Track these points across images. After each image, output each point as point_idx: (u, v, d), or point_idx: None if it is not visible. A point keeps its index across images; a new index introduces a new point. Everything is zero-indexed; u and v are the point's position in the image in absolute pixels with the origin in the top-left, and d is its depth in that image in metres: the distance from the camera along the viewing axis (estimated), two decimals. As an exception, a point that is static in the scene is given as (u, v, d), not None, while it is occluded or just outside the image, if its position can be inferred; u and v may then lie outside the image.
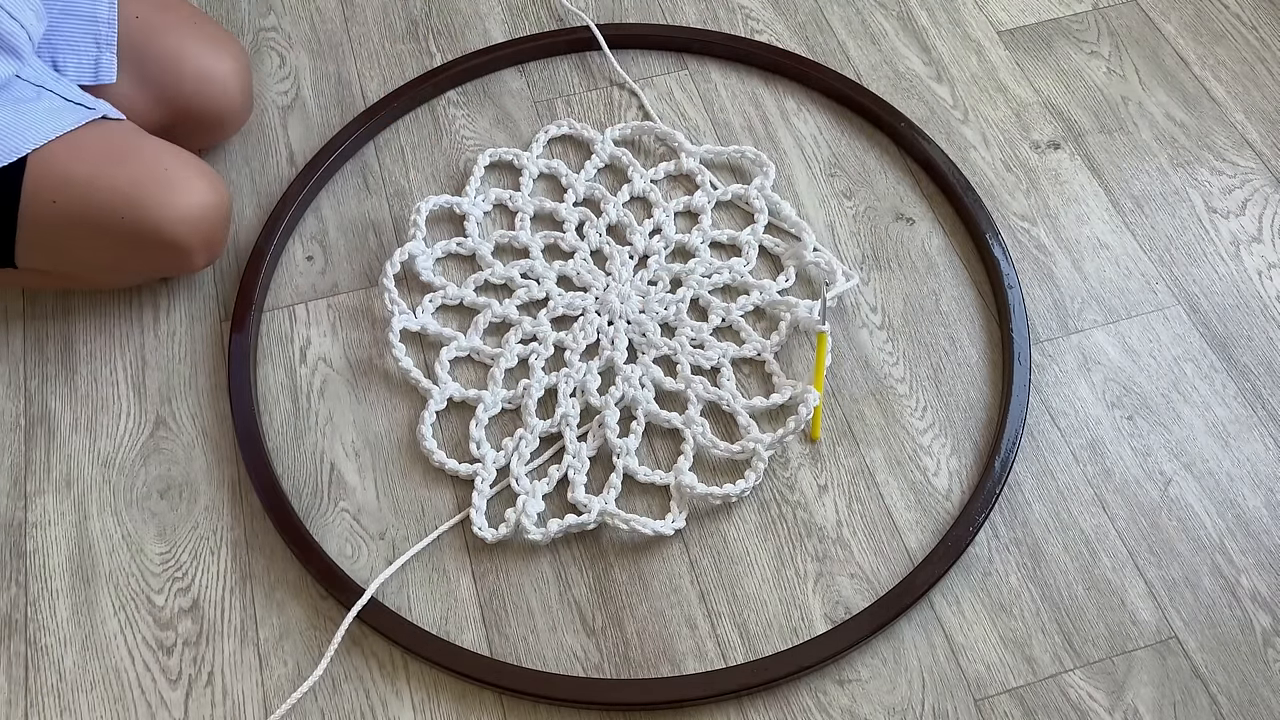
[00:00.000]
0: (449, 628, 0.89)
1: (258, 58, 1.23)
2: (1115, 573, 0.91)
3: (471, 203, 1.10)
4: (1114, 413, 0.99)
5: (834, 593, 0.90)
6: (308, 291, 1.07)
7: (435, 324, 1.03)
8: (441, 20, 1.26)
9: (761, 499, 0.95)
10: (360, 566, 0.92)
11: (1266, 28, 1.25)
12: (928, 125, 1.17)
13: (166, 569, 0.92)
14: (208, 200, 0.98)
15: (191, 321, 1.05)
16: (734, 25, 1.26)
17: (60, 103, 0.94)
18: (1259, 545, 0.92)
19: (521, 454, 0.96)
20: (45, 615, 0.90)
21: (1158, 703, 0.85)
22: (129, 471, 0.96)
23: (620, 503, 0.94)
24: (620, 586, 0.91)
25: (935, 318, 1.05)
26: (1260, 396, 1.00)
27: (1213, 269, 1.07)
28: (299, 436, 0.98)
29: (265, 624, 0.89)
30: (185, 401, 1.00)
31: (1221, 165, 1.14)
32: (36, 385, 1.01)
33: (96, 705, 0.86)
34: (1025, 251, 1.09)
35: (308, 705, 0.86)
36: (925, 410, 0.99)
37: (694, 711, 0.85)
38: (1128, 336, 1.03)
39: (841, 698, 0.86)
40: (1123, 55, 1.23)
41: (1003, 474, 0.94)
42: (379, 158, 1.16)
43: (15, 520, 0.94)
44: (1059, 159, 1.15)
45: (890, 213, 1.11)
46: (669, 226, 1.09)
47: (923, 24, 1.26)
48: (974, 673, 0.87)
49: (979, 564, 0.92)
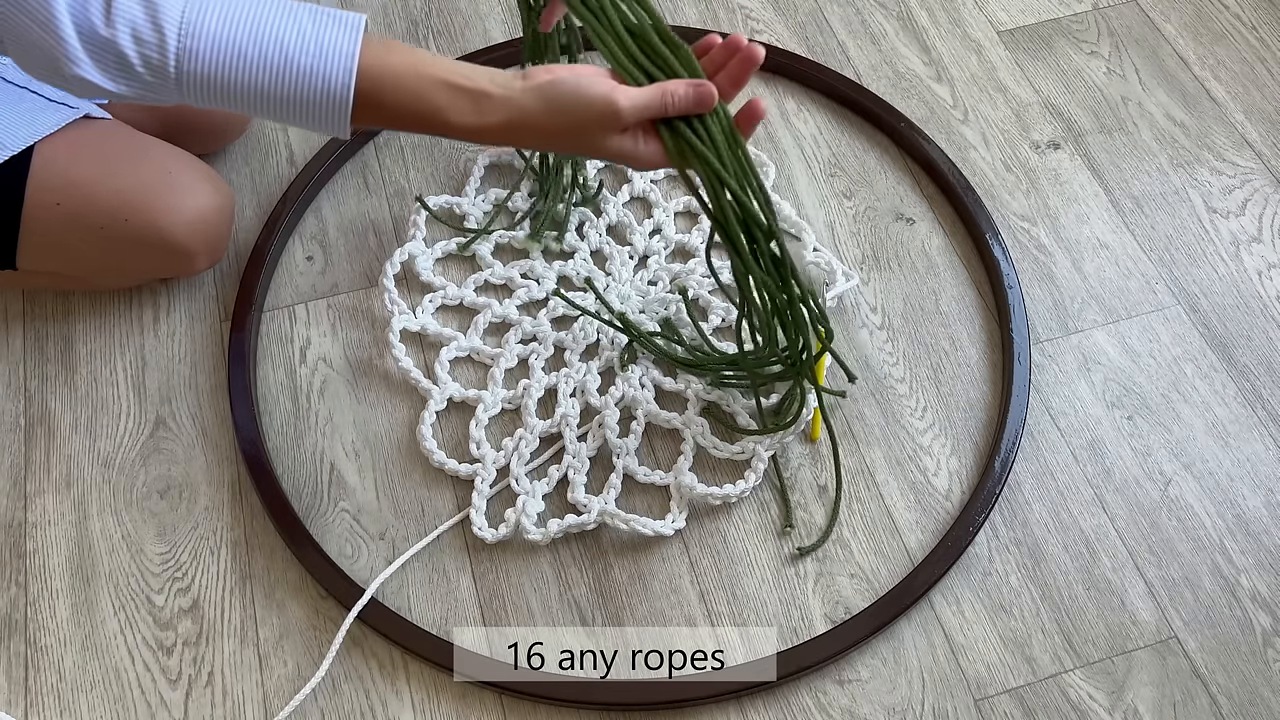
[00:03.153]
0: (449, 628, 0.89)
1: (258, 58, 1.22)
2: (1115, 573, 0.91)
3: (471, 203, 1.11)
4: (1114, 413, 0.99)
5: (834, 593, 0.90)
6: (308, 291, 1.07)
7: (435, 324, 1.03)
8: (441, 20, 1.26)
9: (761, 499, 0.95)
10: (360, 566, 0.92)
11: (1266, 28, 1.25)
12: (928, 125, 1.17)
13: (166, 569, 0.92)
14: (211, 203, 0.98)
15: (191, 321, 1.05)
16: (734, 25, 1.26)
17: (42, 103, 0.94)
18: (1259, 545, 0.92)
19: (521, 454, 0.96)
20: (45, 615, 0.90)
21: (1158, 703, 0.85)
22: (129, 471, 0.96)
23: (620, 503, 0.94)
24: (620, 586, 0.91)
25: (935, 318, 1.05)
26: (1260, 396, 1.00)
27: (1213, 269, 1.08)
28: (299, 436, 0.98)
29: (265, 624, 0.89)
30: (185, 401, 1.00)
31: (1221, 165, 1.14)
32: (36, 385, 1.01)
33: (96, 705, 0.86)
34: (1025, 251, 1.09)
35: (308, 705, 0.86)
36: (925, 410, 0.99)
37: (694, 711, 0.85)
38: (1128, 336, 1.03)
39: (841, 698, 0.86)
40: (1123, 55, 1.23)
41: (1003, 474, 0.94)
42: (379, 158, 1.16)
43: (15, 520, 0.94)
44: (1059, 159, 1.15)
45: (890, 213, 1.11)
46: (669, 226, 1.09)
47: (923, 24, 1.26)
48: (974, 673, 0.87)
49: (979, 564, 0.92)
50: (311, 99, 0.68)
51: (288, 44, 0.66)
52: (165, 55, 0.65)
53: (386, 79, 0.68)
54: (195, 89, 0.67)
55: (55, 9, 0.63)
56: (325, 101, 0.68)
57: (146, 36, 0.65)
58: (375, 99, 0.69)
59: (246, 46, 0.66)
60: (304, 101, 0.68)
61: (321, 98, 0.68)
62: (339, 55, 0.67)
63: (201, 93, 0.67)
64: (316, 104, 0.68)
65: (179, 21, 0.65)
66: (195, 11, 0.65)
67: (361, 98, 0.68)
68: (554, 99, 0.69)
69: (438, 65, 0.70)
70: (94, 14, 0.64)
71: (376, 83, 0.68)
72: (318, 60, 0.67)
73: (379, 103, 0.69)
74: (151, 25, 0.64)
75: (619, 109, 0.69)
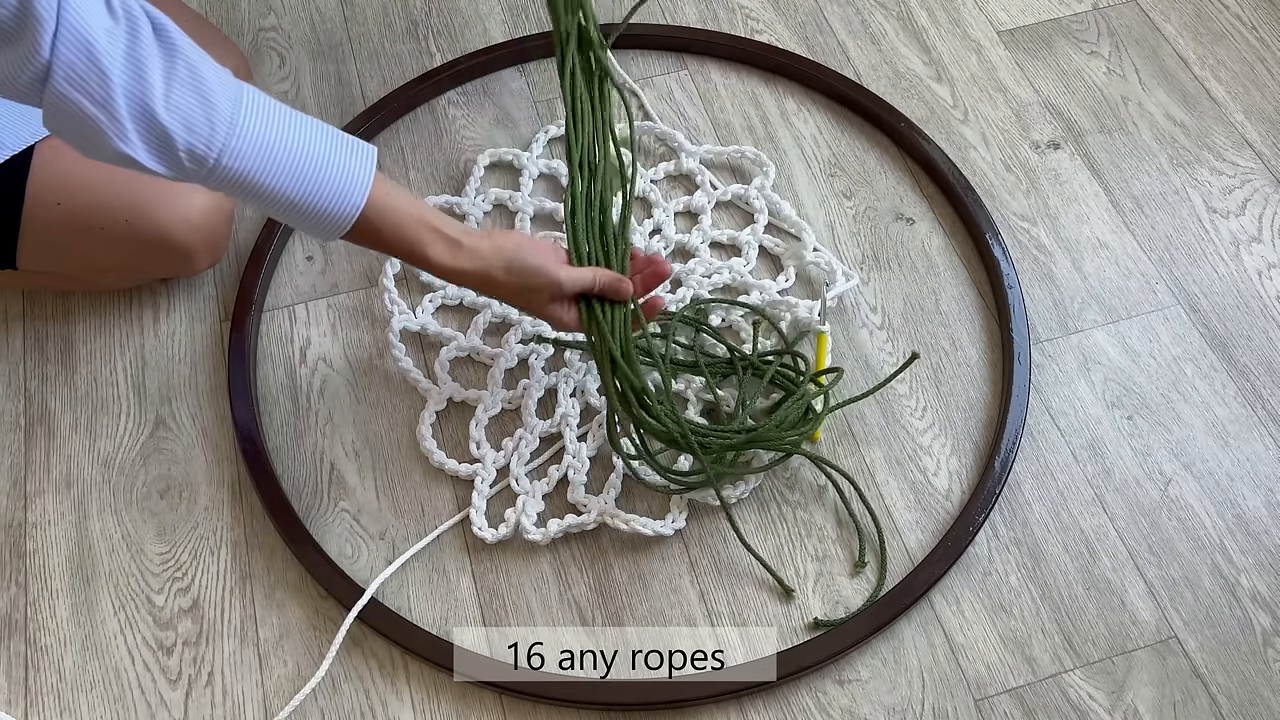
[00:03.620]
0: (449, 628, 0.89)
1: (258, 58, 1.23)
2: (1115, 573, 0.91)
3: (471, 203, 1.11)
4: (1114, 413, 0.99)
5: (834, 593, 0.90)
6: (308, 291, 1.07)
7: (435, 324, 1.03)
8: (441, 20, 1.26)
9: (761, 499, 0.95)
10: (360, 566, 0.92)
11: (1266, 28, 1.25)
12: (928, 125, 1.17)
13: (166, 569, 0.92)
14: (211, 203, 0.98)
15: (191, 321, 1.05)
16: (734, 25, 1.26)
17: None
18: (1259, 545, 0.92)
19: (521, 454, 0.96)
20: (45, 615, 0.90)
21: (1158, 703, 0.85)
22: (129, 471, 0.96)
23: (620, 503, 0.94)
24: (620, 586, 0.91)
25: (935, 318, 1.05)
26: (1260, 396, 1.00)
27: (1213, 269, 1.08)
28: (299, 436, 0.98)
29: (265, 624, 0.89)
30: (185, 401, 1.00)
31: (1221, 165, 1.14)
32: (36, 385, 1.01)
33: (96, 705, 0.86)
34: (1025, 251, 1.09)
35: (308, 705, 0.86)
36: (925, 410, 0.99)
37: (694, 711, 0.85)
38: (1128, 336, 1.03)
39: (841, 698, 0.86)
40: (1123, 55, 1.23)
41: (1003, 474, 0.94)
42: (379, 158, 1.15)
43: (15, 520, 0.94)
44: (1059, 159, 1.15)
45: (890, 213, 1.11)
46: (669, 226, 1.09)
47: (923, 24, 1.26)
48: (974, 673, 0.87)
49: (979, 564, 0.92)
50: (322, 213, 0.77)
51: (317, 162, 0.75)
52: (210, 148, 0.71)
53: (387, 211, 0.80)
54: (223, 180, 0.73)
55: (113, 90, 0.67)
56: (333, 218, 0.77)
57: (198, 128, 0.70)
58: (374, 224, 0.79)
59: (281, 156, 0.73)
60: (314, 213, 0.77)
61: (332, 213, 0.77)
62: (357, 181, 0.77)
63: (227, 184, 0.73)
64: (325, 217, 0.77)
65: (229, 120, 0.71)
66: (243, 114, 0.72)
67: (361, 220, 0.78)
68: (513, 262, 0.85)
69: (423, 208, 0.83)
70: (153, 99, 0.68)
71: (377, 210, 0.79)
72: (340, 182, 0.76)
73: (376, 228, 0.80)
74: (205, 119, 0.70)
75: (562, 284, 0.85)
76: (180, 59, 0.69)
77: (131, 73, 0.67)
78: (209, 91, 0.70)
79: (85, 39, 0.65)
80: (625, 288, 0.88)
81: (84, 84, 0.66)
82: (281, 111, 0.75)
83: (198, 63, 0.70)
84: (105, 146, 0.69)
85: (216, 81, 0.71)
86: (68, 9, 0.64)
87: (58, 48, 0.64)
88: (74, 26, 0.65)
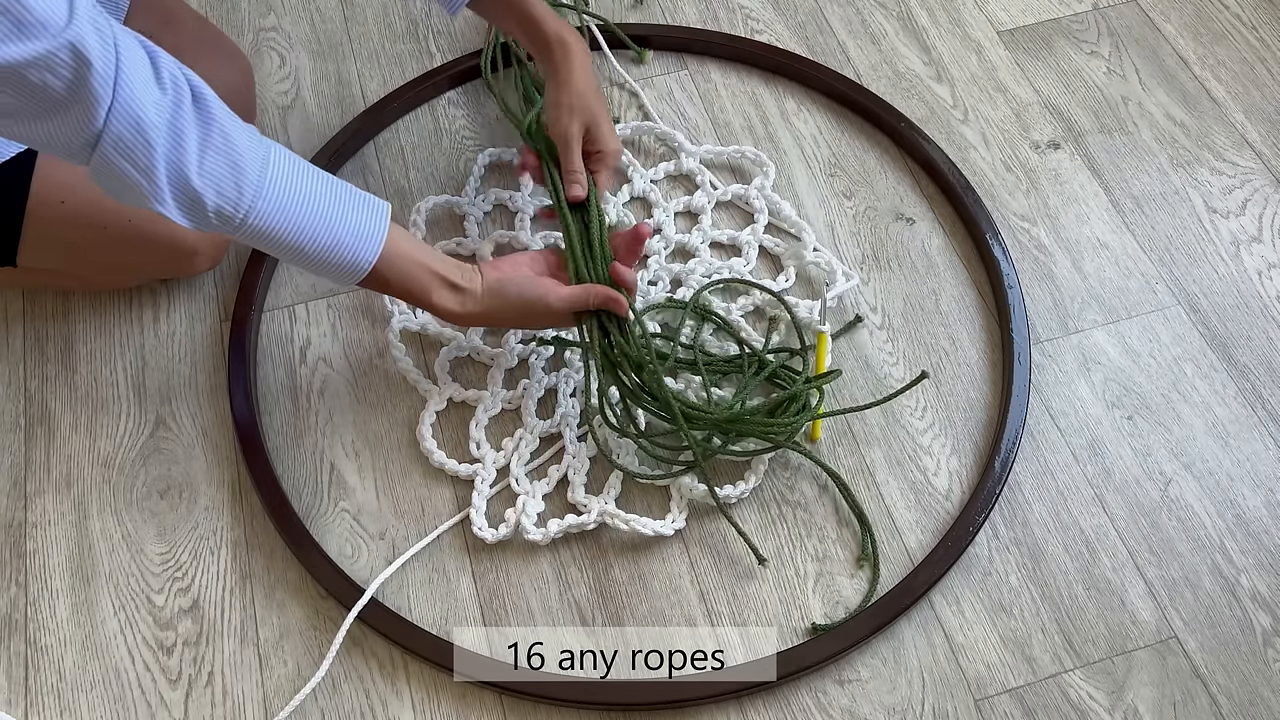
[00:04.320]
0: (449, 628, 0.89)
1: (258, 58, 1.23)
2: (1115, 573, 0.91)
3: (471, 203, 1.11)
4: (1114, 413, 0.99)
5: (834, 593, 0.90)
6: (308, 291, 1.07)
7: (435, 324, 1.03)
8: (441, 20, 1.26)
9: (761, 499, 0.95)
10: (360, 566, 0.92)
11: (1266, 28, 1.25)
12: (928, 125, 1.17)
13: (166, 569, 0.92)
14: None
15: (191, 321, 1.05)
16: (734, 25, 1.26)
17: None
18: (1259, 545, 0.92)
19: (521, 454, 0.96)
20: (45, 615, 0.90)
21: (1158, 703, 0.85)
22: (129, 471, 0.96)
23: (620, 503, 0.94)
24: (620, 586, 0.91)
25: (935, 318, 1.05)
26: (1260, 396, 1.00)
27: (1213, 269, 1.08)
28: (299, 436, 0.98)
29: (265, 624, 0.89)
30: (185, 401, 1.00)
31: (1221, 165, 1.14)
32: (36, 385, 1.01)
33: (96, 705, 0.86)
34: (1025, 251, 1.09)
35: (308, 705, 0.86)
36: (925, 410, 0.99)
37: (694, 711, 0.85)
38: (1128, 336, 1.03)
39: (841, 698, 0.86)
40: (1123, 55, 1.23)
41: (1003, 474, 0.94)
42: (379, 158, 1.16)
43: (15, 520, 0.94)
44: (1059, 159, 1.15)
45: (890, 213, 1.11)
46: (669, 226, 1.09)
47: (923, 24, 1.26)
48: (974, 673, 0.87)
49: (979, 564, 0.92)
50: (339, 265, 0.83)
51: (335, 220, 0.81)
52: (237, 210, 0.76)
53: (396, 260, 0.85)
54: (247, 236, 0.79)
55: (156, 159, 0.72)
56: (348, 269, 0.83)
57: (227, 193, 0.76)
58: (384, 275, 0.85)
59: (302, 216, 0.79)
60: (331, 266, 0.82)
61: (348, 266, 0.83)
62: (371, 238, 0.83)
63: (251, 239, 0.79)
64: (340, 269, 0.83)
65: (255, 184, 0.77)
66: (269, 178, 0.77)
67: (373, 270, 0.84)
68: (510, 298, 0.90)
69: (430, 254, 0.88)
70: (188, 167, 0.73)
71: (388, 261, 0.84)
72: (355, 239, 0.82)
73: (386, 278, 0.85)
74: (234, 184, 0.76)
75: (551, 306, 0.90)
76: (215, 127, 0.74)
77: (172, 142, 0.72)
78: (239, 157, 0.75)
79: (136, 114, 0.69)
80: (620, 305, 0.91)
81: (131, 153, 0.71)
82: (304, 171, 0.80)
83: (230, 130, 0.75)
84: (140, 202, 0.74)
85: (246, 146, 0.76)
86: (123, 87, 0.68)
87: (110, 121, 0.69)
88: (127, 103, 0.69)
